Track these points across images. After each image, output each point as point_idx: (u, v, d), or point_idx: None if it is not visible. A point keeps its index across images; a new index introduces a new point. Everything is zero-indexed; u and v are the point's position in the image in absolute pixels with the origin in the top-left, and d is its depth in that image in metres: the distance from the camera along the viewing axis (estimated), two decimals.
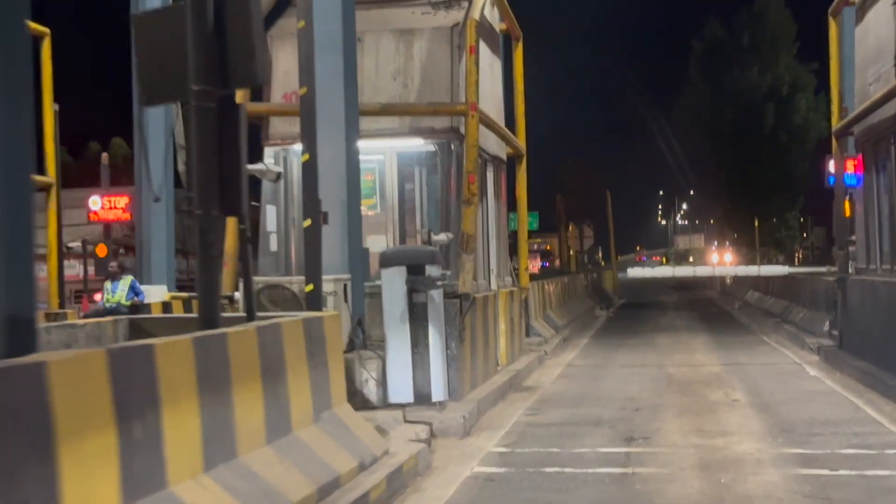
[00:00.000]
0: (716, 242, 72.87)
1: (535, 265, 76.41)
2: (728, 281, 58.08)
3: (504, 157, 20.41)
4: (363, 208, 16.89)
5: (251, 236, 16.16)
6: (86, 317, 21.86)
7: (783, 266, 26.73)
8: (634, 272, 31.92)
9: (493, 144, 19.04)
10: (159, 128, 21.21)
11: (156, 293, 21.85)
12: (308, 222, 12.60)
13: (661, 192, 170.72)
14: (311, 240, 12.65)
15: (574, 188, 64.55)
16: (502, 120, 20.39)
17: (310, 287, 12.59)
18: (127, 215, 35.30)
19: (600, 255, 74.14)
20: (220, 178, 8.43)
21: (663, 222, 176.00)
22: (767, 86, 68.89)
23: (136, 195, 23.97)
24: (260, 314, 11.00)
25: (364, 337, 13.74)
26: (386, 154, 16.77)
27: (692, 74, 72.82)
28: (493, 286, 18.75)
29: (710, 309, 44.89)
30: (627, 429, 13.35)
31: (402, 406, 13.31)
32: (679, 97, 73.49)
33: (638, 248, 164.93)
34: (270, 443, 8.21)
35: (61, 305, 23.67)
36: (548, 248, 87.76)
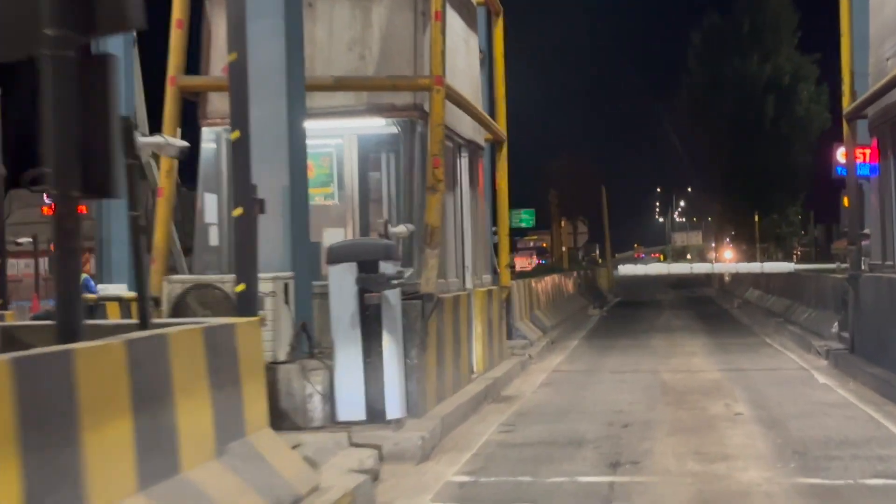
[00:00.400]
0: (714, 240, 70.48)
1: (531, 263, 74.50)
2: (727, 278, 56.24)
3: (482, 142, 18.55)
4: (319, 198, 15.07)
5: (185, 226, 14.15)
6: (35, 318, 20.18)
7: (788, 263, 25.03)
8: (626, 269, 30.20)
9: (468, 127, 17.18)
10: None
11: (114, 293, 20.13)
12: (239, 211, 10.74)
13: (658, 190, 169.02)
14: (243, 231, 10.77)
15: (567, 182, 62.52)
16: (479, 102, 18.52)
17: (241, 287, 10.72)
18: (83, 208, 33.35)
19: (598, 252, 72.49)
20: (82, 150, 6.57)
21: (661, 220, 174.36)
22: (768, 76, 66.86)
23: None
24: (166, 321, 9.17)
25: (311, 344, 11.88)
26: (345, 137, 14.89)
27: (690, 64, 70.75)
28: (469, 285, 16.90)
29: (709, 308, 43.04)
30: (614, 450, 11.51)
31: (352, 425, 11.47)
32: (677, 88, 71.44)
33: (636, 245, 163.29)
34: (144, 489, 6.36)
35: (4, 305, 21.85)
36: (544, 245, 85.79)
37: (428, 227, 12.97)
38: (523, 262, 73.66)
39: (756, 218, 59.92)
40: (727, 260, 62.30)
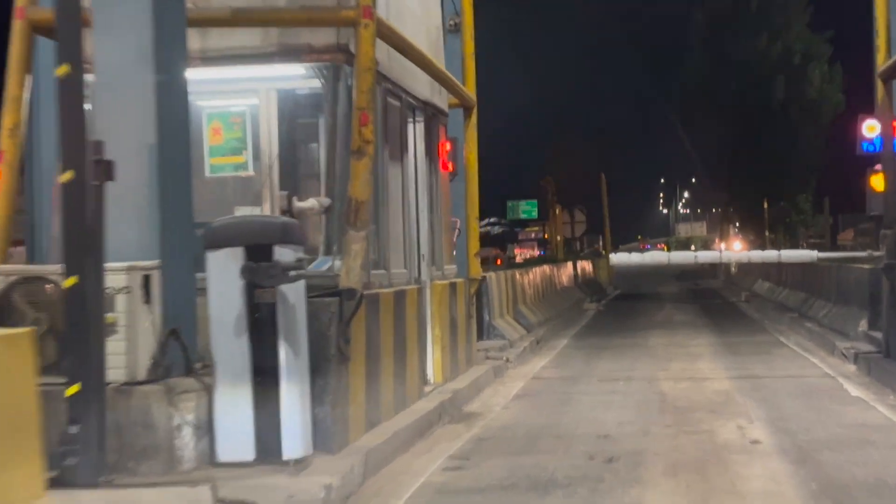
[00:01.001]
0: (719, 230, 66.76)
1: (533, 254, 71.59)
2: (733, 269, 53.15)
3: (444, 107, 15.52)
4: (230, 169, 12.09)
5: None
6: None
7: (809, 251, 22.27)
8: (620, 258, 27.55)
9: (424, 86, 14.18)
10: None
11: None
12: (67, 175, 7.75)
13: (662, 181, 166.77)
14: (74, 202, 7.81)
15: (564, 168, 59.27)
16: (442, 59, 15.48)
17: (71, 280, 7.77)
18: None
19: (601, 243, 69.11)
20: None
21: (665, 211, 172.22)
22: (777, 55, 63.15)
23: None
24: None
25: (187, 358, 8.88)
26: (262, 94, 11.83)
27: (693, 42, 66.95)
28: (425, 277, 13.90)
29: (714, 301, 39.97)
30: (589, 500, 8.51)
31: (236, 467, 8.49)
32: (679, 68, 67.60)
33: (639, 237, 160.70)
34: None
35: None
36: (546, 236, 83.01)
37: (352, 202, 9.94)
38: (525, 254, 71.26)
39: (765, 205, 55.88)
40: (736, 249, 58.79)
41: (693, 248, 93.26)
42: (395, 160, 12.52)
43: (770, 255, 19.96)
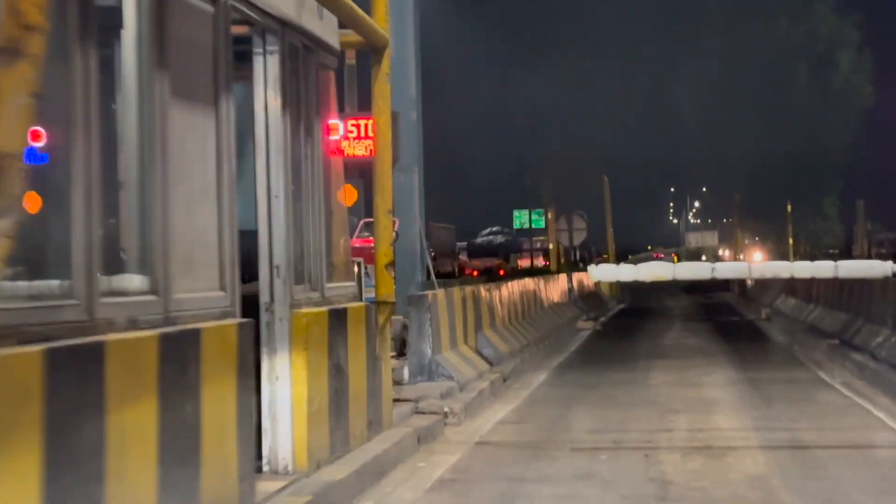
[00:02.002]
0: (733, 238, 60.89)
1: (539, 264, 66.95)
2: (749, 282, 47.73)
3: (330, 40, 10.25)
4: None
5: None
6: None
7: (881, 262, 17.98)
8: (600, 272, 23.19)
9: (289, 3, 8.98)
10: None
11: None
12: None
13: (672, 189, 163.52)
14: None
15: (563, 171, 53.80)
16: None
17: None
18: None
19: (609, 253, 63.78)
20: None
21: (675, 221, 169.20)
22: (800, 41, 57.14)
23: None
24: None
25: None
26: None
27: (704, 30, 61.12)
28: (280, 303, 8.67)
29: (730, 319, 34.68)
30: None
31: None
32: (688, 59, 61.78)
33: (649, 247, 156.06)
34: None
35: None
36: (551, 246, 78.36)
37: None
38: (525, 264, 67.07)
39: (788, 208, 49.67)
40: (757, 260, 53.09)
41: (703, 258, 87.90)
42: (198, 104, 7.27)
43: (823, 267, 14.87)
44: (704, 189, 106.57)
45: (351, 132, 16.82)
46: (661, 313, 38.88)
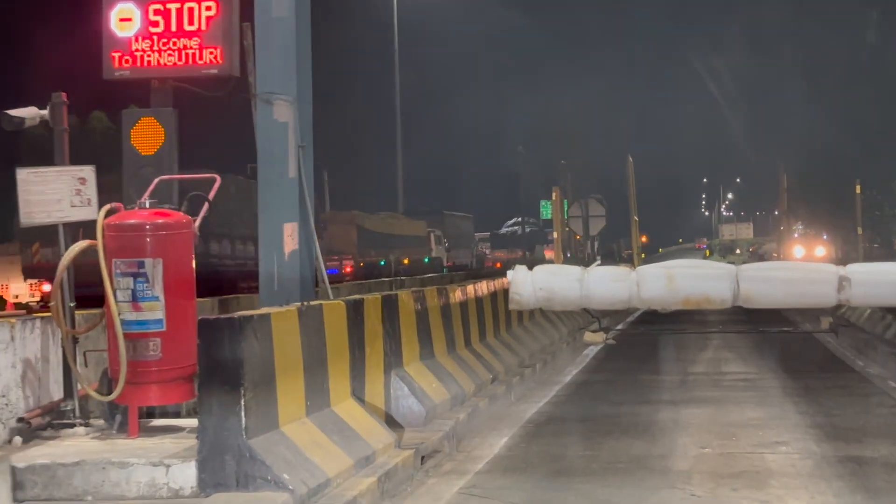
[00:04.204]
0: (782, 227, 53.07)
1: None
2: None
3: None
4: None
5: None
6: None
7: None
8: (519, 283, 17.50)
9: None
10: None
11: None
12: None
13: (704, 181, 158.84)
14: None
15: (581, 153, 46.65)
16: None
17: None
18: None
19: (637, 247, 56.35)
20: None
21: (707, 213, 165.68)
22: None
23: None
24: None
25: None
26: None
27: None
28: None
29: (781, 329, 27.38)
30: None
31: None
32: (727, 23, 54.22)
33: (680, 241, 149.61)
34: None
35: None
36: (577, 237, 72.20)
37: None
38: (551, 255, 61.08)
39: (857, 190, 41.55)
40: (819, 257, 44.87)
41: (738, 251, 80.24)
42: None
43: None
44: (738, 180, 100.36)
45: (155, 24, 9.79)
46: (692, 319, 31.53)
